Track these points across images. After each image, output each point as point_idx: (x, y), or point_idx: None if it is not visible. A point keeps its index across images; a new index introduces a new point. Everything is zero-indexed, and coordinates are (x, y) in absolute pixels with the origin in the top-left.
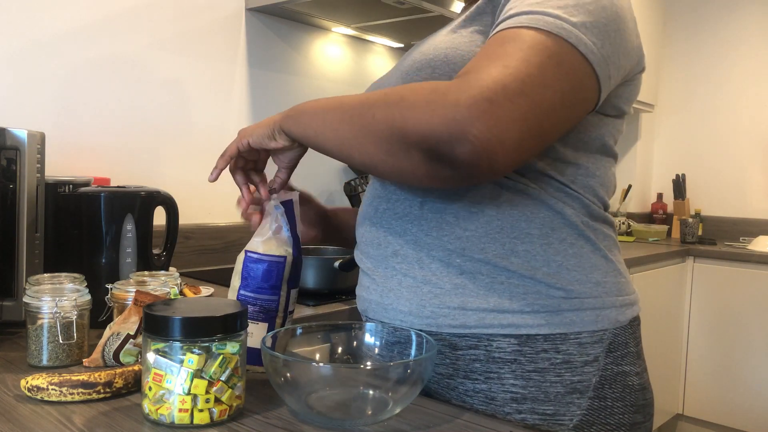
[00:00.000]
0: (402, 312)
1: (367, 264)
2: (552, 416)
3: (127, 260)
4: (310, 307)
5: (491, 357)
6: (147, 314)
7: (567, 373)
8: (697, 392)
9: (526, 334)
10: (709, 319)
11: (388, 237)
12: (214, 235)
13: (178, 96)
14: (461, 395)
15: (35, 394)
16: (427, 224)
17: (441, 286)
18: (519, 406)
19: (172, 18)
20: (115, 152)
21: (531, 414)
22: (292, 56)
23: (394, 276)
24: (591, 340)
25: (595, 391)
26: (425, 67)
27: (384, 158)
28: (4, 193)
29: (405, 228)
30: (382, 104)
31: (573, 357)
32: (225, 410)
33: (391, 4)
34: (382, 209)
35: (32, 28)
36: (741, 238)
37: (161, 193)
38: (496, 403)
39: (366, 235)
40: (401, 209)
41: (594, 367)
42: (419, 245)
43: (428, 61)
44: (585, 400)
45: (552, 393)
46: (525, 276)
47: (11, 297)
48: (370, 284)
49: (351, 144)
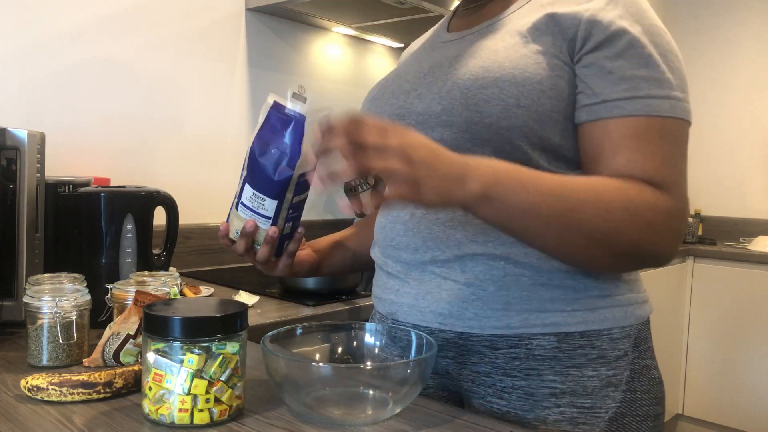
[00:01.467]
0: (441, 315)
1: (396, 267)
2: (589, 409)
3: (127, 260)
4: (310, 307)
5: (531, 354)
6: (147, 314)
7: (602, 367)
8: (697, 392)
9: (565, 332)
10: (709, 319)
11: (428, 242)
12: (214, 235)
13: (178, 96)
14: (498, 392)
15: (35, 394)
16: (472, 230)
17: (484, 288)
18: (558, 401)
19: (171, 18)
20: (115, 152)
21: (570, 408)
22: (292, 56)
23: (433, 279)
24: (621, 335)
25: (627, 384)
26: (491, 86)
27: (578, 251)
28: (4, 193)
29: (448, 234)
30: (591, 211)
31: (606, 352)
32: (225, 410)
33: (391, 4)
34: (419, 214)
35: (32, 28)
36: (741, 238)
37: (161, 193)
38: (535, 398)
39: (398, 239)
40: (444, 214)
41: (624, 361)
42: (463, 250)
43: (494, 80)
44: (619, 393)
45: (590, 387)
46: (565, 277)
47: (11, 297)
48: (400, 287)
49: (544, 237)
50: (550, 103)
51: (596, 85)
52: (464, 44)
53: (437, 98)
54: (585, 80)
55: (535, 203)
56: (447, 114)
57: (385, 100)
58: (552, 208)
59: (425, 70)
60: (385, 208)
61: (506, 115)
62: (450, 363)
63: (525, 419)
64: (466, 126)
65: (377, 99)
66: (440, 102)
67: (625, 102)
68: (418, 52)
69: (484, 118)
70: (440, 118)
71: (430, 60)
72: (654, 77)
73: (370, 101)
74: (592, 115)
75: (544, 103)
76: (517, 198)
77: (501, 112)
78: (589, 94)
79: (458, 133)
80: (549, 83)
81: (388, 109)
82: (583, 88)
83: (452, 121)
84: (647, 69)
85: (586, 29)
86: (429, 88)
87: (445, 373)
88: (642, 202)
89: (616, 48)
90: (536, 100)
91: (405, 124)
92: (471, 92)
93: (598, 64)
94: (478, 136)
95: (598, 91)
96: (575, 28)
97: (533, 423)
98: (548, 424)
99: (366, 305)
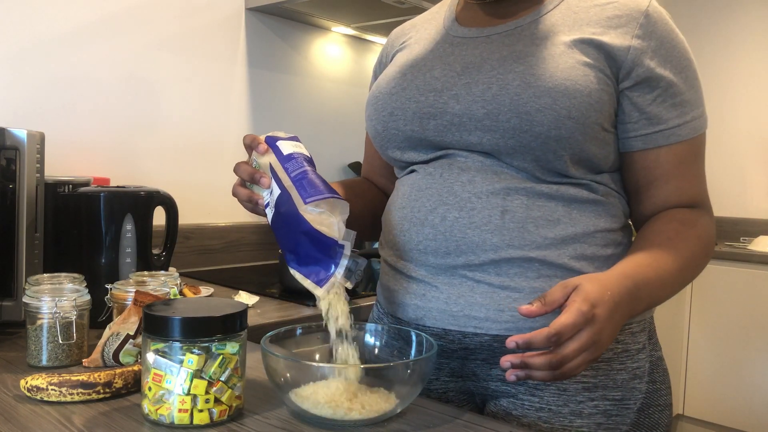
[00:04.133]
0: (476, 318)
1: (420, 271)
2: (620, 401)
3: (127, 260)
4: (310, 307)
5: None
6: (147, 314)
7: (628, 360)
8: (697, 392)
9: None
10: (709, 319)
11: (462, 246)
12: (214, 235)
13: (177, 96)
14: (531, 389)
15: (35, 394)
16: (509, 234)
17: (519, 290)
18: (591, 395)
19: (171, 18)
20: (114, 152)
21: (603, 401)
22: (292, 56)
23: (464, 283)
24: (639, 329)
25: (648, 375)
26: (544, 95)
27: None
28: (3, 193)
29: (484, 238)
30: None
31: (629, 346)
32: (225, 410)
33: (391, 4)
34: (452, 217)
35: (32, 29)
36: (741, 238)
37: (161, 193)
38: (568, 393)
39: (425, 243)
40: (479, 219)
41: (644, 354)
42: (500, 254)
43: (547, 90)
44: (644, 384)
45: (619, 380)
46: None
47: (11, 297)
48: (427, 291)
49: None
50: (596, 115)
51: (654, 113)
52: (496, 45)
53: (480, 101)
54: (637, 107)
55: (669, 294)
56: (491, 119)
57: (408, 96)
58: (674, 290)
59: (458, 69)
60: None
61: (556, 126)
62: (480, 365)
63: (560, 414)
64: (512, 133)
65: (397, 94)
66: (484, 106)
67: (679, 129)
68: (432, 45)
69: (534, 127)
70: (482, 122)
71: (459, 57)
72: (695, 100)
73: (387, 95)
74: (649, 143)
75: (591, 116)
76: (662, 298)
77: (552, 123)
78: (649, 123)
79: (501, 139)
80: (596, 96)
81: (413, 106)
82: (635, 116)
83: (497, 127)
84: (693, 92)
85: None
86: (468, 90)
87: (471, 375)
88: (704, 232)
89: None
90: (585, 112)
91: (436, 123)
92: (522, 99)
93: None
94: (524, 143)
95: (655, 120)
96: (621, 45)
97: (569, 417)
98: (583, 417)
99: (366, 305)
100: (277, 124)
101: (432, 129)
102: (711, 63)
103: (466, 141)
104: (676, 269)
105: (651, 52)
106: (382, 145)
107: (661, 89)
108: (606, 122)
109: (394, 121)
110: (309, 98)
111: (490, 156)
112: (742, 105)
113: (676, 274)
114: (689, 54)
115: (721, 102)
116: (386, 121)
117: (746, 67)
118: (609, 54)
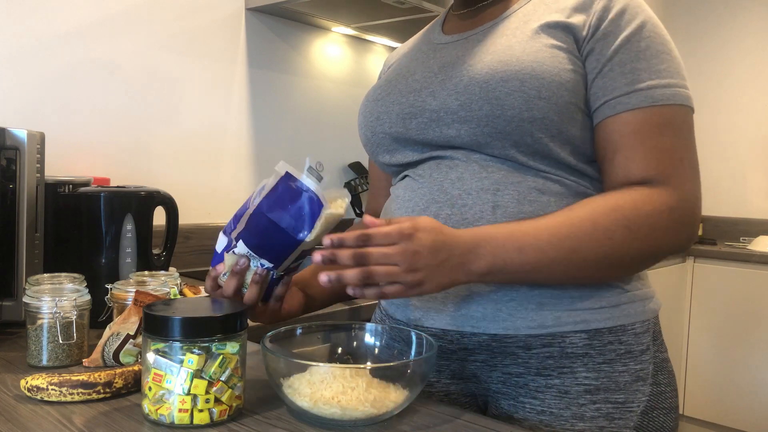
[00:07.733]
0: (474, 318)
1: None
2: (623, 404)
3: (127, 260)
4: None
5: (564, 353)
6: (147, 314)
7: (631, 362)
8: (697, 392)
9: (594, 328)
10: (709, 320)
11: None
12: (214, 235)
13: (177, 96)
14: (531, 391)
15: (35, 394)
16: None
17: (516, 289)
18: (593, 397)
19: (171, 18)
20: (114, 152)
21: (605, 403)
22: (292, 56)
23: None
24: (642, 329)
25: (653, 377)
26: (512, 79)
27: (592, 277)
28: (4, 193)
29: None
30: (592, 243)
31: (632, 347)
32: (225, 410)
33: (391, 4)
34: (444, 215)
35: (32, 28)
36: (741, 238)
37: (161, 193)
38: (570, 396)
39: None
40: (471, 215)
41: (648, 355)
42: None
43: (514, 73)
44: (647, 387)
45: (621, 382)
46: None
47: (11, 297)
48: None
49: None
50: (569, 95)
51: (600, 86)
52: (471, 43)
53: (454, 94)
54: (592, 81)
55: (537, 260)
56: (465, 109)
57: (392, 99)
58: (553, 259)
59: (435, 69)
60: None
61: (528, 107)
62: (480, 366)
63: (562, 417)
64: (486, 120)
65: (382, 99)
66: (457, 98)
67: (626, 97)
68: (416, 54)
69: (506, 111)
70: (457, 114)
71: (437, 60)
72: (652, 68)
73: (373, 102)
74: (599, 116)
75: (563, 95)
76: (519, 263)
77: (523, 105)
78: (598, 96)
79: (477, 128)
80: (566, 76)
81: (396, 108)
82: (593, 89)
83: (471, 116)
84: (646, 61)
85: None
86: (443, 86)
87: (472, 376)
88: (639, 214)
89: (615, 44)
90: (556, 92)
91: (417, 122)
92: (491, 86)
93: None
94: (499, 129)
95: (601, 92)
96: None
97: (571, 420)
98: (585, 420)
99: (366, 305)
100: (277, 124)
101: (414, 128)
102: (710, 63)
103: (446, 135)
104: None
105: (606, 23)
106: (372, 151)
107: (608, 59)
108: (581, 103)
109: (380, 125)
110: (309, 98)
111: (474, 151)
112: (741, 105)
113: (547, 247)
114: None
115: (720, 102)
116: (374, 126)
117: (745, 66)
118: (575, 35)
